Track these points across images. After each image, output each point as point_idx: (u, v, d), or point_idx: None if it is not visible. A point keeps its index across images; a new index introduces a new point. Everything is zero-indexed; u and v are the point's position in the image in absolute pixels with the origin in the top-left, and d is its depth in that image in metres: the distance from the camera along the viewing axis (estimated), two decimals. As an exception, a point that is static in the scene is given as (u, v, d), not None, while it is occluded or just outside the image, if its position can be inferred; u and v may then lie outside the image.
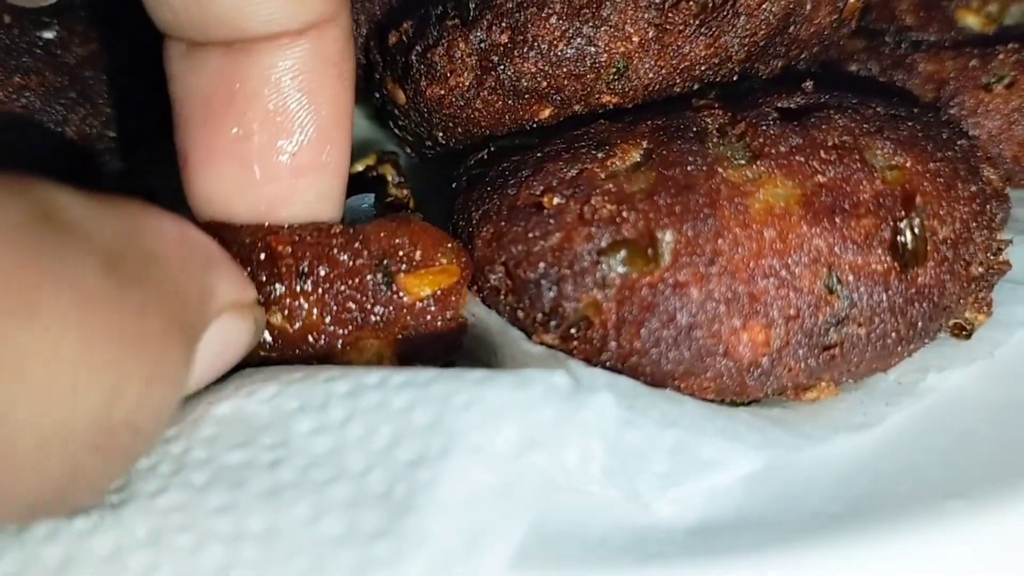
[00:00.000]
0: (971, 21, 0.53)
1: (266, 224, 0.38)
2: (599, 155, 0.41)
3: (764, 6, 0.43)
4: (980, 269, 0.39)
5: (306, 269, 0.38)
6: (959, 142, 0.42)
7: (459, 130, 0.47)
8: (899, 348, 0.38)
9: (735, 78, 0.46)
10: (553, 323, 0.39)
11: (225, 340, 0.34)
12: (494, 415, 0.32)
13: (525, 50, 0.43)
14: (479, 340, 0.42)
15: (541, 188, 0.41)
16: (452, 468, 0.31)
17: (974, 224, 0.39)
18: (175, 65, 0.38)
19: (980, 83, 0.49)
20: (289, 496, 0.32)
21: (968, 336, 0.41)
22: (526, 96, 0.45)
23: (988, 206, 0.40)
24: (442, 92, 0.45)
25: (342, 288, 0.38)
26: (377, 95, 0.51)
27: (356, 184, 0.52)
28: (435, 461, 0.32)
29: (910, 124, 0.41)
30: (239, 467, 0.33)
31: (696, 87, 0.45)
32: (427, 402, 0.33)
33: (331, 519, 0.31)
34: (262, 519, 0.31)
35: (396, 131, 0.50)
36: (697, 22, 0.43)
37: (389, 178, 0.53)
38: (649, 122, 0.42)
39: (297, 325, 0.38)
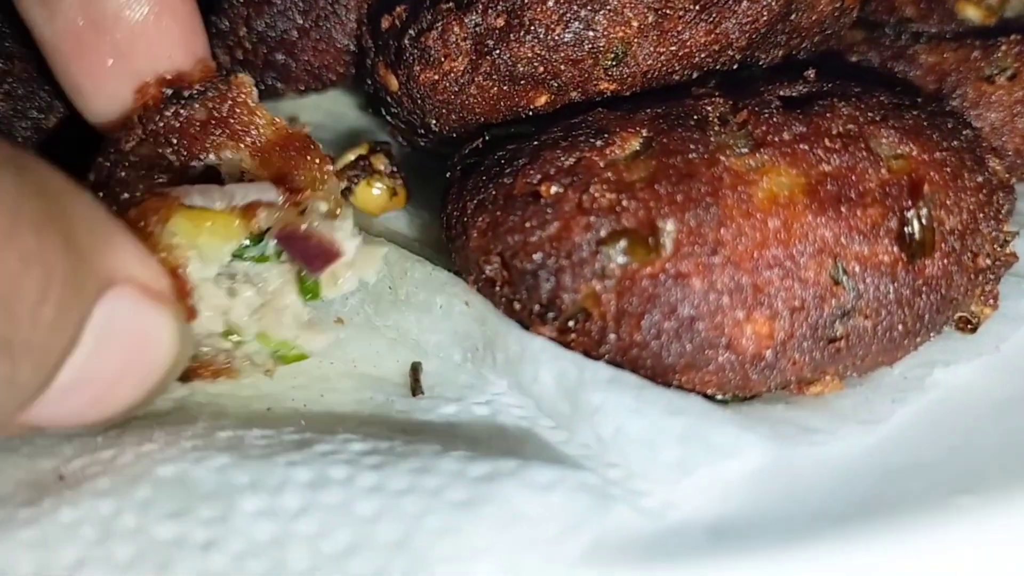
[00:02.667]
0: (971, 13, 0.53)
1: None
2: (598, 143, 0.40)
3: (766, -8, 0.42)
4: (987, 261, 0.38)
5: None
6: (964, 132, 0.41)
7: (453, 117, 0.46)
8: (905, 341, 0.37)
9: (735, 67, 0.45)
10: (551, 315, 0.38)
11: (124, 320, 0.31)
12: (471, 551, 0.30)
13: (521, 34, 0.42)
14: (473, 332, 0.41)
15: (538, 177, 0.40)
16: None
17: (981, 215, 0.38)
18: (33, 13, 0.40)
19: (982, 75, 0.48)
20: None
21: (974, 330, 0.40)
22: (522, 82, 0.43)
23: (995, 197, 0.39)
24: (436, 77, 0.44)
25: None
26: (369, 82, 0.49)
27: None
28: None
29: (915, 113, 0.40)
30: (169, 544, 0.30)
31: (696, 75, 0.44)
32: (396, 517, 0.31)
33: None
34: None
35: (388, 119, 0.49)
36: (698, 7, 0.42)
37: (381, 167, 0.51)
38: (648, 110, 0.41)
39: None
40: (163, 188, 0.37)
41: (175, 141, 0.40)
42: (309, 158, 0.39)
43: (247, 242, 0.37)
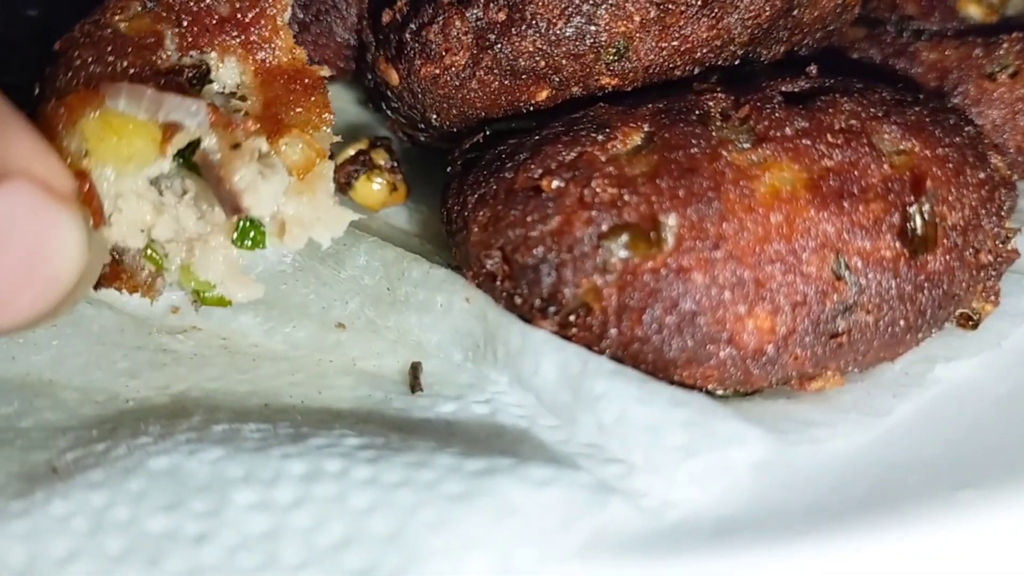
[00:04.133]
0: (973, 11, 0.53)
1: None
2: (599, 138, 0.40)
3: (768, -13, 0.42)
4: (989, 257, 0.38)
5: None
6: (966, 128, 0.41)
7: (453, 112, 0.46)
8: (907, 337, 0.37)
9: (736, 62, 0.45)
10: (552, 309, 0.38)
11: (19, 218, 0.28)
12: (464, 544, 0.29)
13: (523, 28, 0.42)
14: (474, 329, 0.40)
15: (540, 171, 0.39)
16: None
17: (983, 211, 0.38)
18: None
19: (984, 72, 0.48)
20: None
21: (975, 326, 0.40)
22: (523, 76, 0.43)
23: (997, 193, 0.39)
24: (437, 71, 0.44)
25: None
26: (369, 76, 0.49)
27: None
28: None
29: (917, 109, 0.40)
30: (161, 537, 0.30)
31: (697, 71, 0.44)
32: (390, 509, 0.30)
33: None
34: None
35: (389, 113, 0.49)
36: (700, 2, 0.42)
37: (381, 162, 0.51)
38: (650, 105, 0.41)
39: None
40: (105, 80, 0.34)
41: (185, 24, 0.37)
42: (313, 99, 0.36)
43: (175, 159, 0.34)
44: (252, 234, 0.36)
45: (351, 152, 0.51)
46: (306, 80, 0.37)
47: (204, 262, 0.36)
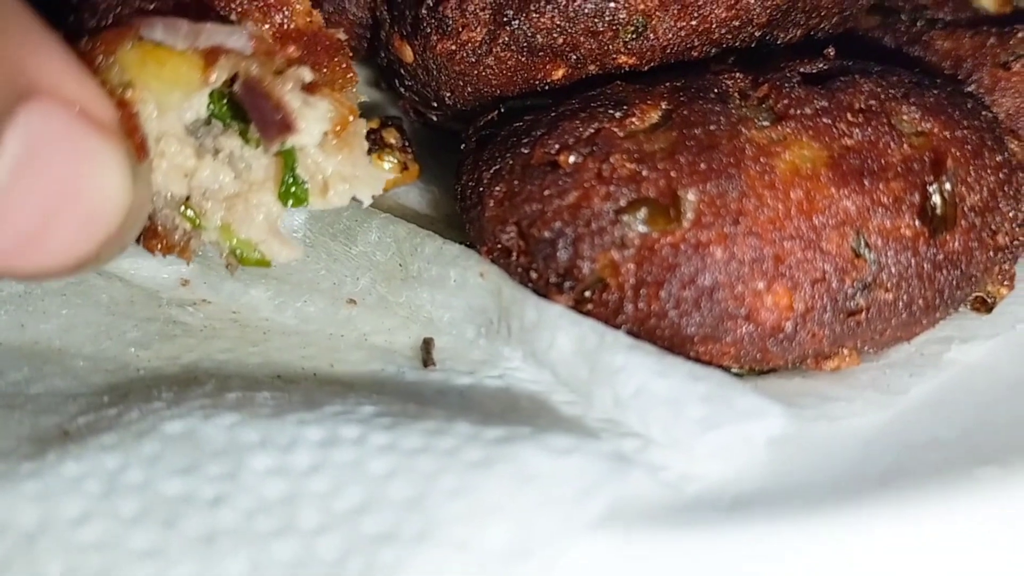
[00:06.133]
0: (986, 2, 0.53)
1: None
2: (617, 114, 0.39)
3: (788, -32, 0.42)
4: (1006, 239, 0.38)
5: None
6: (983, 113, 0.41)
7: (468, 89, 0.45)
8: (925, 316, 0.37)
9: (753, 44, 0.45)
10: (568, 284, 0.38)
11: (54, 140, 0.26)
12: (485, 511, 0.29)
13: (541, 4, 0.42)
14: (488, 304, 0.40)
15: (557, 146, 0.39)
16: (425, 559, 0.28)
17: (1000, 193, 0.38)
18: None
19: (998, 61, 0.48)
20: (225, 545, 0.28)
21: (989, 310, 0.40)
22: (540, 53, 0.43)
23: (1014, 177, 0.39)
24: (453, 47, 0.44)
25: None
26: (382, 54, 0.49)
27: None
28: (406, 544, 0.28)
29: (936, 92, 0.40)
30: (176, 500, 0.30)
31: (714, 52, 0.44)
32: (409, 475, 0.30)
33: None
34: (190, 572, 0.28)
35: (402, 90, 0.49)
36: (720, -18, 0.42)
37: (392, 141, 0.51)
38: (668, 83, 0.41)
39: None
40: (134, 15, 0.33)
41: None
42: (336, 59, 0.35)
43: (211, 106, 0.33)
44: (295, 191, 0.35)
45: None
46: (326, 42, 0.36)
47: (245, 219, 0.35)
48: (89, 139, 0.27)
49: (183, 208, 0.34)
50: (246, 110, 0.33)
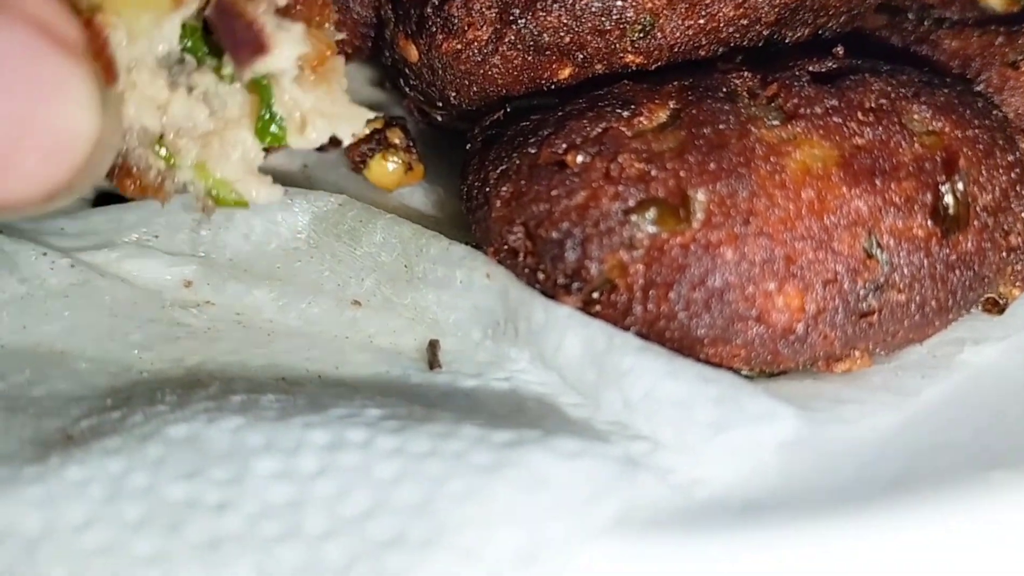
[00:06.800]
0: (994, 1, 0.52)
1: None
2: (624, 114, 0.39)
3: (796, -33, 0.42)
4: (1018, 240, 0.38)
5: None
6: (994, 112, 0.40)
7: (474, 89, 0.45)
8: (937, 318, 0.37)
9: (761, 44, 0.44)
10: (576, 285, 0.37)
11: (13, 57, 0.24)
12: (494, 516, 0.29)
13: (548, 3, 0.41)
14: (495, 306, 0.40)
15: (564, 146, 0.39)
16: (433, 564, 0.28)
17: (1012, 193, 0.38)
18: None
19: (1007, 60, 0.47)
20: (231, 551, 0.28)
21: (1001, 311, 0.40)
22: (547, 52, 0.43)
23: (1026, 176, 0.39)
24: (459, 47, 0.43)
25: None
26: (387, 53, 0.49)
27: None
28: (414, 550, 0.28)
29: (946, 91, 0.40)
30: (180, 505, 0.29)
31: (722, 51, 0.44)
32: (418, 479, 0.30)
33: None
34: None
35: (406, 90, 0.48)
36: (728, -20, 0.41)
37: (396, 141, 0.50)
38: (676, 82, 0.41)
39: None
40: None
41: None
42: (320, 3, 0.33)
43: (184, 39, 0.31)
44: (272, 129, 0.33)
45: (366, 130, 0.50)
46: None
47: (221, 157, 0.33)
48: (53, 57, 0.25)
49: (157, 147, 0.33)
50: (218, 34, 0.31)
